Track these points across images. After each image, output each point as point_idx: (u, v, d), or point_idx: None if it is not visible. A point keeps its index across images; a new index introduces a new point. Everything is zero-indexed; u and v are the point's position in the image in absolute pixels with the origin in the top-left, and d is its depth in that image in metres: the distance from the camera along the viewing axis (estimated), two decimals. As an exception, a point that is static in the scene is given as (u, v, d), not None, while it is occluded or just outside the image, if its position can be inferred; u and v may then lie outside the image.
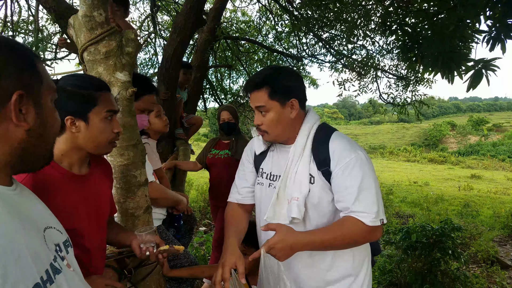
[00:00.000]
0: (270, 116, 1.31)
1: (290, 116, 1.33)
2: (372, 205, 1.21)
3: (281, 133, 1.35)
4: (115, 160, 1.37)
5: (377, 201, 1.23)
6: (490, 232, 5.42)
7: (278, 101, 1.30)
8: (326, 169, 1.28)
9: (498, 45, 2.08)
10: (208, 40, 4.01)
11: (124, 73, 1.32)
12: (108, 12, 2.49)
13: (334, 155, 1.28)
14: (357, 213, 1.21)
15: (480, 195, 9.51)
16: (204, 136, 28.14)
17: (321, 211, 1.32)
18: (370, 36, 5.16)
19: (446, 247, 2.97)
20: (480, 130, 42.85)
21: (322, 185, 1.30)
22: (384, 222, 1.23)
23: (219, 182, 3.15)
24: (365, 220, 1.20)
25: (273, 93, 1.29)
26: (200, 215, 5.96)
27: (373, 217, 1.20)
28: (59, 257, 0.70)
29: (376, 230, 1.23)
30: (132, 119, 1.38)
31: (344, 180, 1.24)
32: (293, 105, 1.32)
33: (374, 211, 1.20)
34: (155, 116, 2.23)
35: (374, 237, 1.24)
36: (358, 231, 1.21)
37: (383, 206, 1.27)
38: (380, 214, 1.22)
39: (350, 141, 1.33)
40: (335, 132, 1.35)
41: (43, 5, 2.77)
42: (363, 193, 1.22)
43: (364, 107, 67.98)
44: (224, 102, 5.88)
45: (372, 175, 1.26)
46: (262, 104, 1.31)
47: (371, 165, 1.28)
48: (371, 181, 1.24)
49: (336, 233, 1.21)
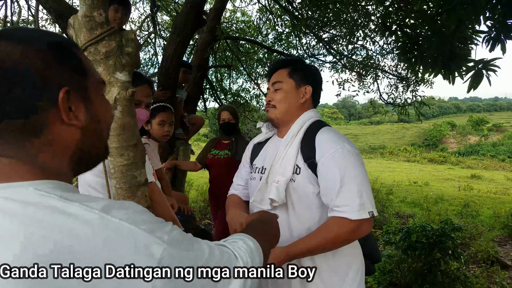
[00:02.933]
0: (282, 92, 1.38)
1: (300, 101, 1.39)
2: (354, 197, 1.17)
3: (286, 110, 1.39)
4: (115, 160, 1.37)
5: (362, 193, 1.17)
6: (490, 232, 5.43)
7: (295, 81, 1.39)
8: (312, 161, 1.27)
9: (498, 45, 2.08)
10: (208, 40, 4.01)
11: (124, 73, 1.32)
12: (110, 15, 2.49)
13: (319, 147, 1.28)
14: (340, 208, 1.18)
15: (480, 195, 9.52)
16: (204, 136, 28.15)
17: (306, 203, 1.30)
18: (370, 37, 5.17)
19: (446, 247, 2.97)
20: (480, 130, 42.87)
21: (308, 176, 1.28)
22: (374, 214, 1.18)
23: (219, 182, 3.15)
24: (349, 215, 1.16)
25: (293, 71, 1.39)
26: (200, 215, 5.97)
27: (356, 209, 1.15)
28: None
29: (363, 224, 1.17)
30: (132, 119, 1.38)
31: (327, 172, 1.22)
32: (306, 92, 1.39)
33: (357, 203, 1.16)
34: (157, 123, 2.23)
35: (361, 231, 1.19)
36: (341, 230, 1.17)
37: (372, 201, 1.21)
38: (367, 206, 1.17)
39: (338, 134, 1.32)
40: (325, 127, 1.37)
41: (43, 5, 2.77)
42: (346, 185, 1.18)
43: (364, 107, 68.03)
44: (224, 102, 5.89)
45: (358, 167, 1.21)
46: (279, 80, 1.39)
47: (358, 157, 1.24)
48: (355, 173, 1.20)
49: (319, 238, 1.19)
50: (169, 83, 3.36)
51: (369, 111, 60.65)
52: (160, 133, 2.24)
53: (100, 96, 0.66)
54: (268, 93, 1.47)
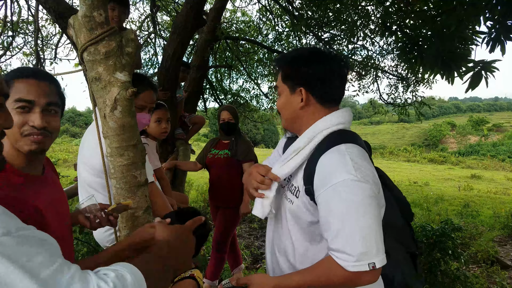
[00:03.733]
0: (281, 99, 1.24)
1: (298, 106, 1.18)
2: (355, 243, 0.95)
3: (289, 118, 1.23)
4: (115, 160, 1.37)
5: (363, 239, 0.95)
6: (490, 232, 5.43)
7: (288, 86, 1.20)
8: (309, 188, 1.08)
9: (498, 46, 2.09)
10: (208, 40, 4.01)
11: (124, 73, 1.32)
12: (108, 13, 2.48)
13: (318, 175, 1.05)
14: (336, 253, 0.99)
15: (480, 195, 9.52)
16: (204, 136, 28.16)
17: (303, 230, 1.15)
18: (370, 37, 5.17)
19: (446, 247, 2.97)
20: (480, 130, 42.87)
21: (305, 202, 1.10)
22: (376, 266, 0.95)
23: (219, 182, 3.16)
24: (344, 264, 0.97)
25: (284, 76, 1.22)
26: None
27: (353, 260, 0.95)
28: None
29: (363, 276, 0.97)
30: (132, 119, 1.38)
31: (326, 208, 1.02)
32: (301, 95, 1.17)
33: (356, 252, 0.94)
34: (154, 121, 2.25)
35: (360, 283, 1.00)
36: (335, 276, 1.00)
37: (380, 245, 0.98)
38: (369, 255, 0.95)
39: (346, 159, 1.03)
40: (339, 145, 1.07)
41: (43, 5, 2.77)
42: (346, 228, 0.97)
43: (364, 108, 68.02)
44: (224, 102, 5.89)
45: (364, 205, 0.97)
46: (277, 85, 1.26)
47: (366, 193, 0.98)
48: (360, 213, 0.96)
49: (312, 275, 1.04)
50: (169, 83, 3.37)
51: (369, 111, 60.60)
52: (158, 131, 2.26)
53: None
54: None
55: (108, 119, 1.32)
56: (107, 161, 1.41)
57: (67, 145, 20.43)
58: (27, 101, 1.01)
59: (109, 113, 1.31)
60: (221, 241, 3.08)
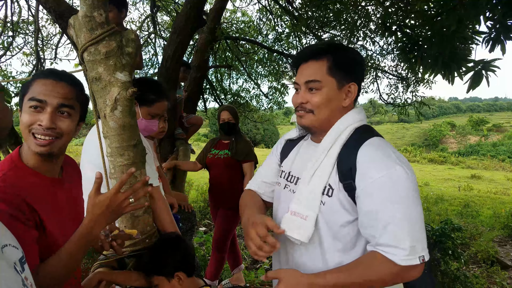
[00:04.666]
0: (321, 95, 1.07)
1: (342, 104, 1.10)
2: (405, 238, 0.93)
3: (327, 118, 1.10)
4: (115, 160, 1.37)
5: (415, 233, 0.94)
6: (490, 232, 5.43)
7: (337, 80, 1.07)
8: (350, 183, 1.02)
9: (498, 46, 2.09)
10: (208, 40, 4.01)
11: (124, 73, 1.32)
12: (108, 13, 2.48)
13: (362, 167, 1.00)
14: (385, 248, 0.95)
15: (480, 195, 9.52)
16: (204, 136, 28.15)
17: (335, 232, 1.06)
18: (370, 37, 5.17)
19: (446, 247, 2.97)
20: (480, 130, 42.87)
21: (342, 200, 1.03)
22: (425, 259, 0.95)
23: (219, 182, 3.16)
24: (395, 258, 0.93)
25: (334, 66, 1.07)
26: (200, 215, 5.97)
27: (405, 254, 0.93)
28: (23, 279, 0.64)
29: (411, 270, 0.95)
30: (132, 119, 1.38)
31: (372, 201, 0.97)
32: (350, 91, 1.09)
33: (407, 246, 0.93)
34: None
35: (407, 277, 0.97)
36: (384, 272, 0.95)
37: (425, 239, 0.98)
38: (418, 250, 0.94)
39: (387, 151, 1.02)
40: (372, 138, 1.05)
41: (43, 5, 2.77)
42: (395, 221, 0.94)
43: (364, 107, 67.88)
44: (224, 102, 5.89)
45: (411, 197, 0.96)
46: (316, 79, 1.07)
47: (412, 184, 0.97)
48: (408, 205, 0.95)
49: (354, 274, 0.97)
50: (169, 83, 3.37)
51: (369, 111, 60.51)
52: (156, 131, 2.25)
53: None
54: (297, 91, 1.15)
55: (108, 119, 1.32)
56: (107, 160, 1.41)
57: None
58: (38, 100, 0.99)
59: (109, 113, 1.31)
60: (221, 241, 3.08)
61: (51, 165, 1.08)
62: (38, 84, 1.01)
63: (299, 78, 1.13)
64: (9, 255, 0.64)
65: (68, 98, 1.04)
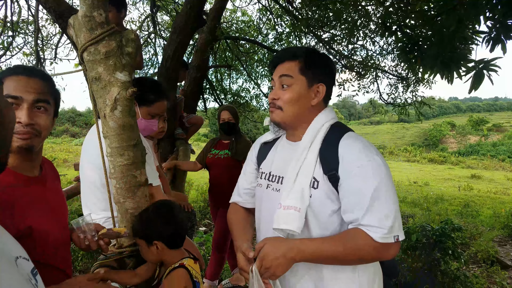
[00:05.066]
0: (292, 92, 1.18)
1: (311, 102, 1.20)
2: (385, 218, 1.04)
3: (295, 114, 1.20)
4: (115, 160, 1.37)
5: (393, 215, 1.05)
6: (490, 232, 5.43)
7: (307, 79, 1.19)
8: (333, 174, 1.11)
9: (498, 45, 2.08)
10: (208, 40, 4.01)
11: (124, 73, 1.31)
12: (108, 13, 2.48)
13: (344, 159, 1.10)
14: (367, 227, 1.04)
15: (480, 195, 9.52)
16: (204, 136, 28.15)
17: (322, 221, 1.14)
18: (370, 37, 5.17)
19: (446, 247, 2.97)
20: (480, 130, 42.87)
21: (327, 191, 1.12)
22: (400, 238, 1.06)
23: (219, 182, 3.16)
24: (374, 236, 1.03)
25: (305, 67, 1.19)
26: (200, 215, 5.97)
27: (384, 232, 1.02)
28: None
29: (388, 248, 1.05)
30: (132, 119, 1.38)
31: (354, 188, 1.07)
32: (318, 91, 1.20)
33: (387, 226, 1.03)
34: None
35: (384, 255, 1.07)
36: (364, 246, 1.04)
37: (400, 221, 1.08)
38: (395, 230, 1.04)
39: (364, 143, 1.14)
40: (348, 133, 1.17)
41: (43, 5, 2.77)
42: (375, 204, 1.04)
43: (364, 107, 68.05)
44: (224, 102, 5.89)
45: (388, 184, 1.08)
46: (289, 74, 1.19)
47: (388, 173, 1.10)
48: (386, 190, 1.06)
49: (338, 244, 1.05)
50: (169, 83, 3.36)
51: (369, 111, 60.63)
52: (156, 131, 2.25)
53: None
54: (273, 89, 1.25)
55: (108, 119, 1.32)
56: (107, 160, 1.41)
57: (67, 145, 20.41)
58: (13, 97, 0.98)
59: (109, 113, 1.31)
60: (221, 241, 3.08)
61: (31, 164, 1.08)
62: (11, 81, 1.00)
63: (275, 74, 1.24)
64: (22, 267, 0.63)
65: (42, 92, 1.03)
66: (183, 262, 1.33)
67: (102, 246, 1.21)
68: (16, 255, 0.64)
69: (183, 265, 1.32)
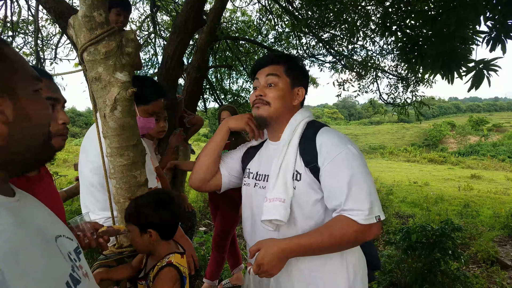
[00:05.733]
0: (278, 90, 1.30)
1: (293, 102, 1.33)
2: (363, 201, 1.12)
3: (281, 110, 1.30)
4: (115, 160, 1.37)
5: (370, 196, 1.14)
6: (490, 232, 5.43)
7: (291, 80, 1.32)
8: (314, 165, 1.21)
9: (499, 45, 2.08)
10: (208, 40, 4.01)
11: (124, 73, 1.31)
12: (113, 17, 2.49)
13: (321, 150, 1.20)
14: (349, 212, 1.13)
15: (480, 195, 9.52)
16: (204, 136, 28.15)
17: (307, 211, 1.23)
18: (370, 37, 5.17)
19: (446, 247, 2.97)
20: (480, 130, 42.86)
21: (310, 182, 1.21)
22: (381, 218, 1.15)
23: (219, 182, 3.15)
24: (357, 218, 1.11)
25: (289, 69, 1.31)
26: (200, 215, 5.97)
27: (366, 214, 1.11)
28: (76, 266, 0.66)
29: (371, 228, 1.13)
30: (132, 119, 1.38)
31: (333, 176, 1.16)
32: (298, 94, 1.34)
33: (366, 208, 1.12)
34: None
35: (368, 235, 1.15)
36: (349, 230, 1.12)
37: (379, 202, 1.17)
38: (375, 211, 1.13)
39: (339, 135, 1.25)
40: (323, 128, 1.29)
41: (43, 5, 2.77)
42: (354, 189, 1.13)
43: (364, 107, 68.02)
44: (224, 102, 5.89)
45: (363, 170, 1.17)
46: (276, 73, 1.30)
47: (362, 160, 1.20)
48: (362, 176, 1.15)
49: (324, 234, 1.13)
50: (169, 83, 3.36)
51: (369, 111, 60.57)
52: (155, 130, 2.24)
53: (32, 93, 0.64)
54: (258, 87, 1.34)
55: (108, 119, 1.32)
56: (107, 160, 1.41)
57: (67, 145, 20.42)
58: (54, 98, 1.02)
59: (109, 113, 1.31)
60: (221, 241, 3.08)
61: None
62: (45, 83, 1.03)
63: (260, 74, 1.34)
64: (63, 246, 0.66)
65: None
66: (171, 260, 1.31)
67: (102, 244, 1.22)
68: (57, 234, 0.66)
69: (171, 263, 1.30)
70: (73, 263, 0.65)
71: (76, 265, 0.66)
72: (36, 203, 0.71)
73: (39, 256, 0.56)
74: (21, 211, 0.61)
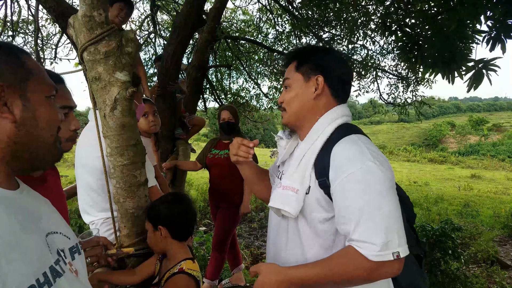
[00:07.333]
0: (291, 91, 1.17)
1: (311, 96, 1.13)
2: (376, 232, 0.91)
3: (297, 112, 1.15)
4: (115, 160, 1.37)
5: (387, 228, 0.92)
6: (490, 232, 5.42)
7: (303, 74, 1.15)
8: (324, 180, 1.03)
9: (498, 45, 2.08)
10: (208, 40, 4.01)
11: (124, 73, 1.31)
12: (113, 11, 2.49)
13: (334, 164, 1.01)
14: (356, 243, 0.94)
15: (480, 195, 9.51)
16: (204, 136, 28.14)
17: (314, 230, 1.07)
18: (370, 36, 5.17)
19: (446, 247, 2.97)
20: (480, 130, 42.85)
21: (318, 198, 1.05)
22: (400, 256, 0.92)
23: (219, 182, 3.15)
24: (366, 253, 0.92)
25: (299, 64, 1.17)
26: (200, 215, 5.96)
27: (377, 249, 0.90)
28: (63, 261, 0.68)
29: (384, 266, 0.92)
30: (132, 119, 1.38)
31: (344, 198, 0.98)
32: (317, 83, 1.13)
33: (379, 241, 0.90)
34: (141, 115, 2.23)
35: (384, 274, 0.94)
36: (356, 267, 0.93)
37: (402, 235, 0.94)
38: (393, 245, 0.91)
39: (361, 147, 1.01)
40: (349, 136, 1.05)
41: (43, 5, 2.77)
42: (367, 217, 0.93)
43: (365, 107, 68.01)
44: (224, 102, 5.89)
45: (384, 192, 0.95)
46: (287, 76, 1.19)
47: (385, 181, 0.96)
48: (380, 201, 0.93)
49: (325, 268, 0.97)
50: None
51: (369, 111, 60.60)
52: (146, 125, 2.26)
53: (44, 98, 0.69)
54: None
55: (108, 119, 1.32)
56: (107, 160, 1.41)
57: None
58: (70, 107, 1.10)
59: (109, 113, 1.31)
60: (221, 241, 3.08)
61: None
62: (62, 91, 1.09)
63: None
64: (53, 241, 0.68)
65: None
66: (182, 267, 1.32)
67: (110, 263, 1.29)
68: (52, 229, 0.70)
69: (183, 271, 1.31)
70: (61, 258, 0.68)
71: (65, 261, 0.68)
72: (38, 197, 0.75)
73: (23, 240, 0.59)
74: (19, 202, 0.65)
